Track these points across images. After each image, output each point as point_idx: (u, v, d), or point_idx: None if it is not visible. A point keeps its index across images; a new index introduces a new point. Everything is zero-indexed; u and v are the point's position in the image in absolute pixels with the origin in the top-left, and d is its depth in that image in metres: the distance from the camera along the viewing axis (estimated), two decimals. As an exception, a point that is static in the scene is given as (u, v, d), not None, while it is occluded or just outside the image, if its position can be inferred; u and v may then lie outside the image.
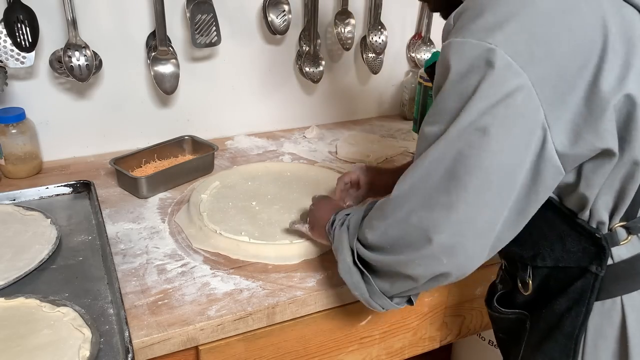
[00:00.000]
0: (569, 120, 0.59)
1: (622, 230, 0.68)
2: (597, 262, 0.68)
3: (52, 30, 1.12)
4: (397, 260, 0.67)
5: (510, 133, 0.59)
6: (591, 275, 0.69)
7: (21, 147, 1.12)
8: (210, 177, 1.14)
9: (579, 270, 0.70)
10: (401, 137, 1.45)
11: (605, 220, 0.68)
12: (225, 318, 0.79)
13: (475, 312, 1.09)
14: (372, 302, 0.74)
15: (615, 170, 0.64)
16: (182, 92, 1.29)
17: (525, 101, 0.58)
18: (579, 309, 0.70)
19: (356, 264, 0.73)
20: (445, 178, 0.62)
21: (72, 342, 0.70)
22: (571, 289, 0.70)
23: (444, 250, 0.62)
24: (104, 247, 0.89)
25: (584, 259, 0.69)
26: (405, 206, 0.65)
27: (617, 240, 0.68)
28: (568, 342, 0.71)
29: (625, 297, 0.69)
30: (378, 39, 1.44)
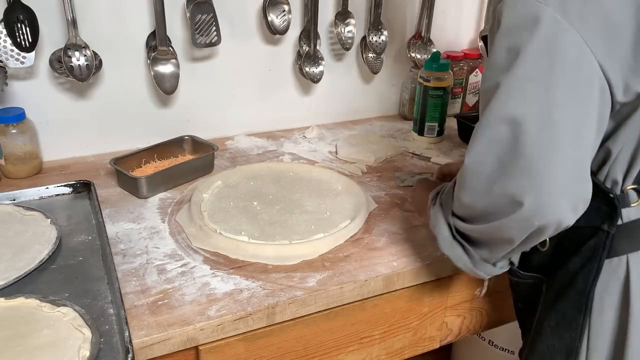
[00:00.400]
0: (620, 71, 0.63)
1: (633, 192, 0.73)
2: (608, 221, 0.73)
3: (52, 30, 1.12)
4: (491, 227, 0.69)
5: (571, 85, 0.62)
6: (603, 234, 0.73)
7: (21, 147, 1.12)
8: (212, 177, 1.14)
9: (592, 230, 0.74)
10: (401, 137, 1.45)
11: (620, 181, 0.72)
12: (225, 318, 0.79)
13: (475, 312, 1.09)
14: (477, 270, 0.77)
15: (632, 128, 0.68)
16: (182, 92, 1.29)
17: (579, 55, 0.62)
18: (591, 266, 0.74)
19: (455, 238, 0.76)
20: (513, 139, 0.63)
21: (72, 342, 0.70)
22: (584, 247, 0.75)
23: (535, 211, 0.64)
24: (104, 247, 0.89)
25: (597, 218, 0.73)
26: (482, 174, 0.67)
27: (629, 201, 0.73)
28: (580, 298, 0.76)
29: (631, 255, 0.73)
30: (378, 39, 1.44)
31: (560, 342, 0.79)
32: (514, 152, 0.63)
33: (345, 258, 0.93)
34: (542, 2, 0.62)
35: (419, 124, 1.41)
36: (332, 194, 1.10)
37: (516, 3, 0.64)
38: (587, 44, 0.61)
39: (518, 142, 0.63)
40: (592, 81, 0.62)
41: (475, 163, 0.67)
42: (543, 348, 0.82)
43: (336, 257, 0.93)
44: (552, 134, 0.62)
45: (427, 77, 1.36)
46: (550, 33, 0.62)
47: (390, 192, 1.14)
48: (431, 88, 1.36)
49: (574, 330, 0.77)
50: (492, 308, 1.11)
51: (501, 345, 1.62)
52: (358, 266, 0.91)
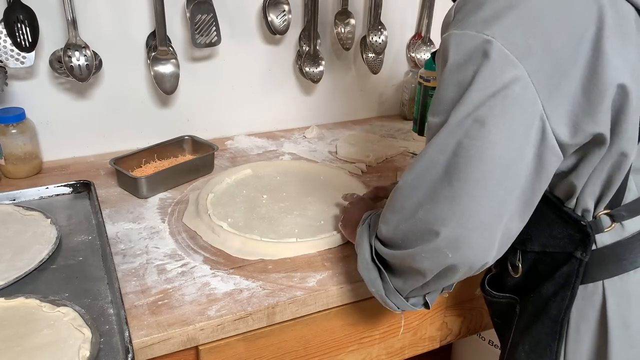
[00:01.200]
0: (567, 111, 0.60)
1: (606, 217, 0.71)
2: (581, 248, 0.71)
3: (52, 30, 1.12)
4: (406, 253, 0.67)
5: (508, 124, 0.60)
6: (576, 261, 0.72)
7: (21, 147, 1.12)
8: (241, 166, 1.19)
9: (565, 256, 0.72)
10: (401, 137, 1.45)
11: (591, 208, 0.70)
12: (225, 318, 0.79)
13: (475, 312, 1.09)
14: (388, 300, 0.75)
15: (603, 160, 0.65)
16: (182, 92, 1.29)
17: (522, 92, 0.59)
18: (564, 294, 0.73)
19: (374, 261, 0.74)
20: (447, 170, 0.62)
21: (72, 342, 0.70)
22: (557, 274, 0.73)
23: (449, 243, 0.63)
24: (104, 247, 0.89)
25: (569, 245, 0.72)
26: (412, 198, 0.66)
27: (602, 227, 0.71)
28: (554, 325, 0.74)
29: (607, 281, 0.71)
30: (378, 39, 1.44)
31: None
32: (444, 181, 0.63)
33: (345, 258, 0.93)
34: (488, 34, 0.59)
35: (419, 124, 1.41)
36: (341, 202, 1.07)
37: (462, 38, 0.61)
38: (532, 82, 0.59)
39: (449, 173, 0.62)
40: (532, 122, 0.60)
41: (409, 185, 0.66)
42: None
43: (336, 257, 0.93)
44: (481, 170, 0.60)
45: (427, 77, 1.36)
46: (497, 68, 0.59)
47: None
48: (431, 88, 1.36)
49: (548, 357, 0.75)
50: (492, 308, 1.11)
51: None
52: (358, 266, 0.91)
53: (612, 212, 0.70)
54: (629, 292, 0.71)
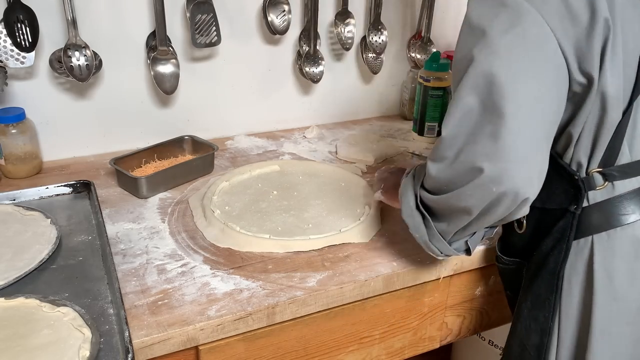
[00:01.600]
0: (574, 52, 0.67)
1: (598, 176, 0.76)
2: (574, 202, 0.77)
3: (52, 30, 1.12)
4: (452, 195, 0.72)
5: (531, 61, 0.66)
6: (570, 215, 0.78)
7: (21, 147, 1.12)
8: (268, 162, 1.22)
9: (561, 212, 0.79)
10: (401, 137, 1.45)
11: (584, 163, 0.76)
12: (225, 318, 0.79)
13: (475, 312, 1.09)
14: (431, 245, 0.80)
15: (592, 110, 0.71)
16: (182, 92, 1.29)
17: (539, 33, 0.66)
18: (560, 247, 0.79)
19: (418, 208, 0.79)
20: (483, 107, 0.68)
21: (72, 342, 0.70)
22: (555, 228, 0.79)
23: (492, 178, 0.67)
24: (104, 247, 0.89)
25: (565, 200, 0.78)
26: (454, 145, 0.71)
27: (594, 184, 0.77)
28: (552, 278, 0.80)
29: (596, 236, 0.77)
30: (378, 39, 1.44)
31: (535, 323, 0.83)
32: (482, 120, 0.68)
33: (345, 258, 0.93)
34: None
35: (419, 124, 1.41)
36: (345, 211, 1.05)
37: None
38: (547, 23, 0.65)
39: (484, 112, 0.67)
40: (551, 58, 0.67)
41: (450, 135, 0.71)
42: (521, 329, 0.86)
43: (336, 257, 0.93)
44: (514, 105, 0.66)
45: (427, 77, 1.36)
46: (514, 14, 0.66)
47: (390, 192, 1.14)
48: (431, 88, 1.36)
49: (547, 310, 0.81)
50: (492, 308, 1.11)
51: (501, 345, 1.62)
52: (358, 266, 0.91)
53: (604, 170, 0.76)
54: (614, 247, 0.76)
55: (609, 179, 0.76)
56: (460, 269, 0.97)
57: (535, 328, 0.83)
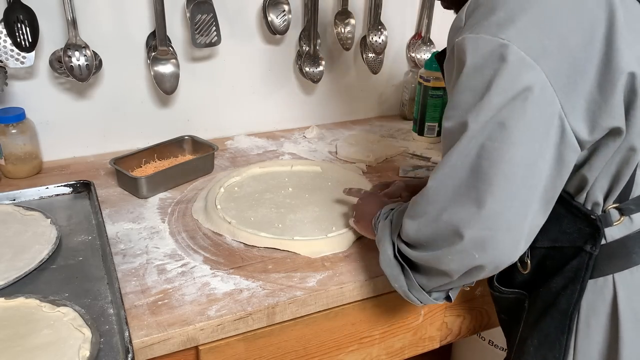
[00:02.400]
0: (584, 108, 0.62)
1: (615, 211, 0.72)
2: (591, 242, 0.72)
3: (52, 30, 1.12)
4: (432, 255, 0.69)
5: (529, 125, 0.61)
6: (586, 255, 0.72)
7: (21, 147, 1.12)
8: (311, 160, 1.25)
9: (574, 250, 0.73)
10: (401, 137, 1.45)
11: (600, 202, 0.71)
12: (225, 318, 0.79)
13: (475, 312, 1.09)
14: (411, 295, 0.76)
15: (613, 154, 0.67)
16: (182, 92, 1.29)
17: (541, 93, 0.60)
18: (573, 287, 0.74)
19: (397, 257, 0.75)
20: (471, 173, 0.64)
21: (72, 342, 0.70)
22: (567, 267, 0.74)
23: (475, 245, 0.64)
24: (104, 247, 0.89)
25: (579, 239, 0.73)
26: (436, 202, 0.67)
27: (611, 221, 0.72)
28: (563, 318, 0.75)
29: (617, 275, 0.72)
30: (378, 39, 1.44)
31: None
32: (468, 184, 0.64)
33: (345, 258, 0.93)
34: (505, 38, 0.60)
35: (419, 124, 1.41)
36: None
37: (477, 42, 0.62)
38: (550, 82, 0.60)
39: (472, 176, 0.64)
40: (552, 121, 0.62)
41: (433, 190, 0.67)
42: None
43: (336, 257, 0.93)
44: (504, 171, 0.62)
45: (427, 77, 1.36)
46: (515, 71, 0.60)
47: (390, 192, 1.14)
48: (431, 88, 1.36)
49: (558, 351, 0.76)
50: (492, 308, 1.10)
51: (501, 345, 1.62)
52: (358, 266, 0.91)
53: (620, 205, 0.72)
54: (638, 284, 0.72)
55: (626, 213, 0.72)
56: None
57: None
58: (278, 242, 0.94)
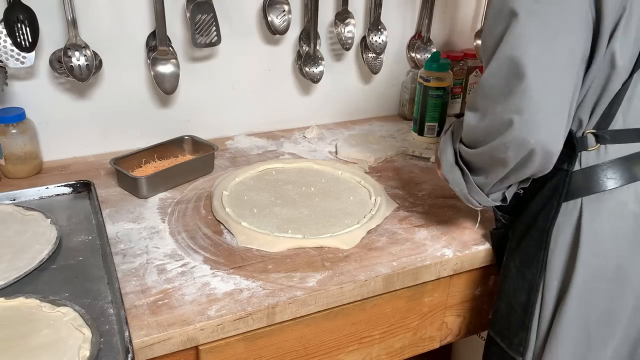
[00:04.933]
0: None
1: (592, 137, 0.81)
2: (567, 161, 0.81)
3: (52, 30, 1.12)
4: (489, 147, 0.77)
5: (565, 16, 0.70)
6: (562, 172, 0.82)
7: (21, 147, 1.12)
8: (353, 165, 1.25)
9: (553, 170, 0.79)
10: (401, 137, 1.45)
11: (584, 122, 0.80)
12: (225, 318, 0.79)
13: (475, 312, 1.09)
14: (470, 197, 0.85)
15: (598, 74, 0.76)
16: (182, 92, 1.29)
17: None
18: (551, 205, 0.83)
19: (457, 163, 0.84)
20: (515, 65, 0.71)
21: (72, 342, 0.71)
22: (546, 187, 0.83)
23: (527, 128, 0.71)
24: (104, 247, 0.89)
25: (558, 161, 0.78)
26: (489, 96, 0.75)
27: (586, 145, 0.81)
28: (541, 235, 0.84)
29: (585, 198, 0.81)
30: (378, 39, 1.44)
31: (523, 281, 0.87)
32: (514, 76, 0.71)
33: (345, 258, 0.93)
34: None
35: (419, 124, 1.41)
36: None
37: None
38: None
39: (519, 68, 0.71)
40: (583, 13, 0.70)
41: (486, 83, 0.75)
42: (509, 287, 0.90)
43: (336, 257, 0.93)
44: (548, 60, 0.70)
45: (427, 77, 1.36)
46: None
47: (390, 192, 1.14)
48: (431, 88, 1.36)
49: (535, 267, 0.85)
50: (492, 308, 1.11)
51: (501, 345, 1.62)
52: (358, 266, 0.91)
53: (597, 132, 0.80)
54: (602, 208, 0.80)
55: (601, 142, 0.80)
56: (460, 269, 0.97)
57: (522, 286, 0.87)
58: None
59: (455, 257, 0.95)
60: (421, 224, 1.03)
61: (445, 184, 0.89)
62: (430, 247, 0.97)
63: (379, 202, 1.07)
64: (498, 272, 0.96)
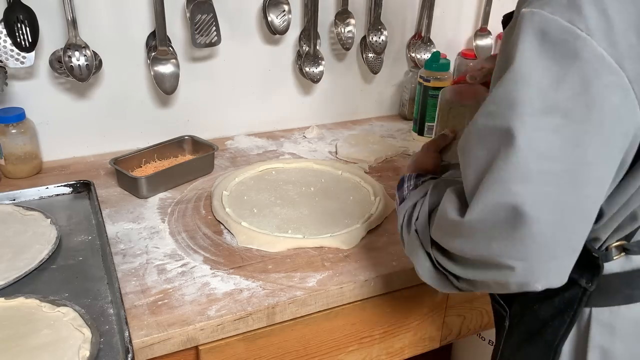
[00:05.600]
0: None
1: (615, 249, 0.66)
2: (587, 277, 0.65)
3: (52, 30, 1.12)
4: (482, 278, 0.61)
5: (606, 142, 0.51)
6: (580, 289, 0.66)
7: (21, 147, 1.12)
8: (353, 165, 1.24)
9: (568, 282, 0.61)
10: (401, 137, 1.45)
11: (603, 239, 0.65)
12: (225, 318, 0.79)
13: (475, 312, 1.09)
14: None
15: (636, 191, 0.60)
16: (182, 92, 1.29)
17: (622, 102, 0.50)
18: (562, 319, 0.68)
19: (437, 269, 0.68)
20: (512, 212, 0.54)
21: (72, 342, 0.71)
22: (558, 298, 0.68)
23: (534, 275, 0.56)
24: (104, 247, 0.89)
25: (574, 271, 0.61)
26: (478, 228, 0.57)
27: (610, 257, 0.66)
28: (548, 350, 0.70)
29: (595, 309, 0.67)
30: (378, 39, 1.44)
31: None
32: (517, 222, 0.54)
33: (345, 258, 0.93)
34: (584, 30, 0.48)
35: (419, 124, 1.41)
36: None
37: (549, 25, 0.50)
38: (633, 89, 0.49)
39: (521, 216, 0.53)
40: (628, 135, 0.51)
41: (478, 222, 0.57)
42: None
43: (336, 257, 0.93)
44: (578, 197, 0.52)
45: (427, 77, 1.36)
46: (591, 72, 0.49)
47: (390, 192, 1.14)
48: (431, 88, 1.36)
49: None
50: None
51: (501, 345, 1.62)
52: (358, 266, 0.91)
53: (625, 245, 0.65)
54: (614, 325, 0.67)
55: (627, 253, 0.66)
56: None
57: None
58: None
59: (455, 257, 0.95)
60: (421, 224, 1.03)
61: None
62: (430, 247, 0.97)
63: (379, 202, 1.08)
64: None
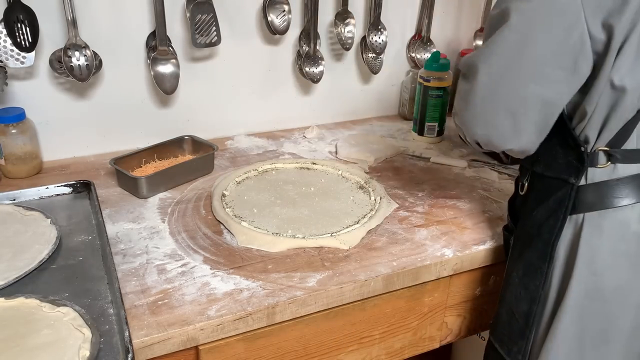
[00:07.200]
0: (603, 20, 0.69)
1: (602, 155, 0.78)
2: (575, 175, 0.79)
3: (52, 30, 1.12)
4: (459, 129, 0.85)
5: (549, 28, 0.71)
6: (569, 186, 0.80)
7: (21, 147, 1.12)
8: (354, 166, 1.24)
9: (559, 183, 0.81)
10: (401, 137, 1.45)
11: (592, 140, 0.78)
12: (225, 318, 0.79)
13: (475, 312, 1.09)
14: None
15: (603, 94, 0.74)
16: (182, 92, 1.29)
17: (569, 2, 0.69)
18: (556, 217, 0.81)
19: None
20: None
21: (72, 342, 0.70)
22: (552, 199, 0.82)
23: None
24: (104, 247, 0.89)
25: (566, 170, 0.80)
26: None
27: (596, 162, 0.78)
28: (545, 247, 0.82)
29: (587, 214, 0.79)
30: (378, 39, 1.44)
31: (526, 291, 0.85)
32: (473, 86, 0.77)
33: (345, 258, 0.93)
34: None
35: (419, 124, 1.41)
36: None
37: None
38: None
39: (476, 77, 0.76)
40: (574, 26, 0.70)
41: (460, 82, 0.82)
42: (511, 296, 0.88)
43: (336, 257, 0.93)
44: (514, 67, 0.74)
45: (427, 77, 1.36)
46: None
47: (390, 192, 1.14)
48: (431, 88, 1.36)
49: (538, 279, 0.83)
50: (492, 308, 1.11)
51: (501, 345, 1.62)
52: (358, 266, 0.91)
53: (609, 150, 0.77)
54: (602, 226, 0.79)
55: (612, 161, 0.78)
56: (460, 269, 0.97)
57: (525, 296, 0.85)
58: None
59: (455, 257, 0.95)
60: (421, 224, 1.03)
61: (446, 183, 0.89)
62: (430, 247, 0.97)
63: (379, 202, 1.08)
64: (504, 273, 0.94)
